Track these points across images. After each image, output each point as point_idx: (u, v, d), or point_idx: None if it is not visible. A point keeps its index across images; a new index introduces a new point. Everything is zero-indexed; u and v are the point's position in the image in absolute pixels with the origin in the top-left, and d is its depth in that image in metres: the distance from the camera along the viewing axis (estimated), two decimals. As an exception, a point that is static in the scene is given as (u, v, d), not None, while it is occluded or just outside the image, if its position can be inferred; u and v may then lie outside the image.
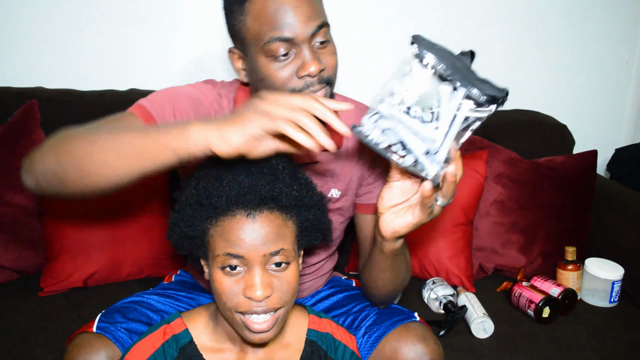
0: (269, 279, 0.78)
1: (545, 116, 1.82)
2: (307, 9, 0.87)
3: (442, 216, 1.50)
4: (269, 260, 0.78)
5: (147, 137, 0.74)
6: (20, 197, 1.44)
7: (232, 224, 0.77)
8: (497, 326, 1.29)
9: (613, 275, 1.42)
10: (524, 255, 1.54)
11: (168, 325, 0.86)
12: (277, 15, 0.86)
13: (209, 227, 0.79)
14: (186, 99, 0.96)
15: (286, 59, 0.89)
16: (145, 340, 0.85)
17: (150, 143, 0.74)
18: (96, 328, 0.94)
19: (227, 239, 0.77)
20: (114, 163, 0.76)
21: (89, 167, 0.77)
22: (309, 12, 0.87)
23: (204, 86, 1.02)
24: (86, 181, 0.78)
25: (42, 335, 1.20)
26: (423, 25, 1.82)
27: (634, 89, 2.00)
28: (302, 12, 0.86)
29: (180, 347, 0.85)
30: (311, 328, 0.92)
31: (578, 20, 1.90)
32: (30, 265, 1.44)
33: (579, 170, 1.61)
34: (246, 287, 0.77)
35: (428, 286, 1.43)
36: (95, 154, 0.76)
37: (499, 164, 1.60)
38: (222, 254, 0.77)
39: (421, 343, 0.94)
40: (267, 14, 0.86)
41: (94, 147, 0.76)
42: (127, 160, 0.75)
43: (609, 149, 1.91)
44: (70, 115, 1.56)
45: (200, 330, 0.87)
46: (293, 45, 0.88)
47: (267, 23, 0.86)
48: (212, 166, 0.81)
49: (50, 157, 0.80)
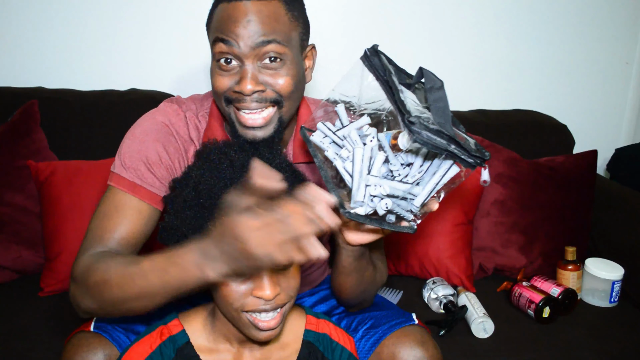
0: (276, 279, 0.78)
1: (545, 116, 1.82)
2: (258, 24, 0.88)
3: (442, 216, 1.50)
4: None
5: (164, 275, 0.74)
6: (20, 197, 1.44)
7: None
8: (497, 326, 1.29)
9: (613, 275, 1.42)
10: (524, 255, 1.54)
11: (165, 326, 0.86)
12: (228, 20, 0.89)
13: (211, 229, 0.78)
14: (155, 145, 0.96)
15: (230, 69, 0.91)
16: (142, 341, 0.85)
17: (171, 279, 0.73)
18: (93, 327, 0.94)
19: None
20: (148, 303, 0.78)
21: (127, 309, 0.81)
22: (259, 27, 0.88)
23: (169, 109, 1.02)
24: (131, 312, 0.82)
25: (42, 335, 1.20)
26: (422, 25, 1.82)
27: (634, 89, 2.00)
28: (252, 25, 0.88)
29: (177, 348, 0.84)
30: (308, 329, 0.91)
31: (578, 20, 1.90)
32: (30, 265, 1.44)
33: (579, 170, 1.61)
34: (255, 287, 0.77)
35: (428, 286, 1.43)
36: (126, 303, 0.79)
37: (499, 164, 1.60)
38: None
39: (420, 347, 0.93)
40: (220, 17, 0.90)
41: (122, 297, 0.79)
42: (157, 299, 0.77)
43: (609, 149, 1.91)
44: (70, 115, 1.57)
45: (197, 331, 0.87)
46: (237, 57, 0.90)
47: (217, 25, 0.91)
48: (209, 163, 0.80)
49: (89, 301, 0.85)
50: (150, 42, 1.74)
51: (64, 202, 1.40)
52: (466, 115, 1.76)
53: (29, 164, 1.45)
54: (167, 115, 1.01)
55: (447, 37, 1.85)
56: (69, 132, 1.55)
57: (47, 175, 1.42)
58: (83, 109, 1.57)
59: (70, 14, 1.68)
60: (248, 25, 0.88)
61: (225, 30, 0.89)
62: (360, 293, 0.99)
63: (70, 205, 1.40)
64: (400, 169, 0.75)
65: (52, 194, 1.41)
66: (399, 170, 0.75)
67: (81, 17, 1.69)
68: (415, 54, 1.83)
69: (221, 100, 0.94)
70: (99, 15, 1.69)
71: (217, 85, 0.93)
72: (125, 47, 1.73)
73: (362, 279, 0.96)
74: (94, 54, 1.72)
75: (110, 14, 1.70)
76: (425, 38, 1.83)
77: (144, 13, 1.71)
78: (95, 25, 1.70)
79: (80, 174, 1.43)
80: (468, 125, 1.69)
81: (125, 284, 0.78)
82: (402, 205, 0.76)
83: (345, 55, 1.47)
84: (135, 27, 1.72)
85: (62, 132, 1.55)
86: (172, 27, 1.73)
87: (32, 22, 1.68)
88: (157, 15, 1.72)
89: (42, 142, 1.51)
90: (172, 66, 1.76)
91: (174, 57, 1.76)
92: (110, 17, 1.70)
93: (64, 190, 1.41)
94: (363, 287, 0.98)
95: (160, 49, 1.74)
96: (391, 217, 0.77)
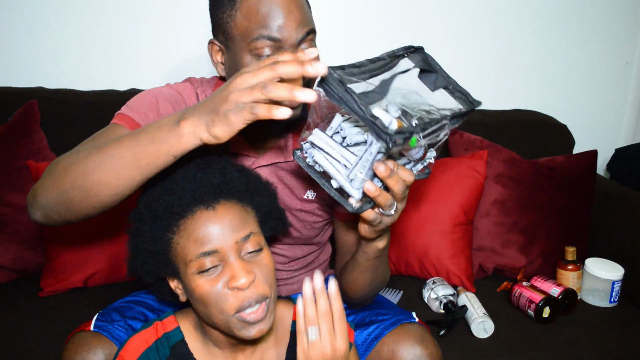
0: (248, 266, 0.77)
1: (545, 116, 1.82)
2: (298, 15, 0.88)
3: (442, 216, 1.50)
4: (242, 247, 0.78)
5: (138, 145, 0.74)
6: (20, 197, 1.44)
7: (195, 221, 0.76)
8: (497, 326, 1.29)
9: (613, 275, 1.42)
10: (524, 255, 1.54)
11: (160, 323, 0.86)
12: (269, 15, 0.87)
13: (172, 237, 0.78)
14: (166, 102, 0.97)
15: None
16: (139, 335, 0.84)
17: (143, 151, 0.74)
18: (94, 327, 0.94)
19: (195, 239, 0.76)
20: (113, 179, 0.76)
21: (90, 188, 0.77)
22: (300, 18, 0.88)
23: (182, 86, 1.03)
24: (91, 201, 0.78)
25: (42, 335, 1.20)
26: (421, 24, 1.82)
27: (634, 89, 2.00)
28: (294, 17, 0.87)
29: (171, 345, 0.84)
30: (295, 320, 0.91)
31: (578, 20, 1.90)
32: (30, 265, 1.44)
33: (579, 170, 1.61)
34: (229, 279, 0.76)
35: (428, 286, 1.43)
36: (92, 175, 0.76)
37: (499, 164, 1.60)
38: (195, 257, 0.76)
39: (419, 345, 0.93)
40: (259, 12, 0.87)
41: (90, 169, 0.76)
42: (125, 173, 0.75)
43: (609, 149, 1.91)
44: (70, 115, 1.57)
45: (192, 330, 0.87)
46: (279, 48, 0.89)
47: (257, 21, 0.87)
48: (153, 180, 0.80)
49: (51, 188, 0.80)
50: (150, 42, 1.74)
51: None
52: (466, 115, 1.76)
53: (29, 164, 1.45)
54: (177, 87, 1.02)
55: (447, 36, 1.85)
56: (69, 132, 1.55)
57: (47, 175, 1.42)
58: (83, 109, 1.57)
59: (70, 14, 1.68)
60: (290, 17, 0.88)
61: (268, 25, 0.87)
62: (370, 291, 1.00)
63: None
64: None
65: (52, 194, 1.41)
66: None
67: (81, 17, 1.69)
68: (415, 54, 1.83)
69: None
70: (99, 15, 1.69)
71: None
72: (125, 47, 1.73)
73: (376, 277, 0.97)
74: (93, 54, 1.72)
75: (110, 14, 1.70)
76: (425, 38, 1.83)
77: (144, 13, 1.71)
78: (95, 25, 1.70)
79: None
80: (468, 125, 1.70)
81: (92, 161, 0.76)
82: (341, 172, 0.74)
83: (345, 55, 1.47)
84: (135, 27, 1.72)
85: (62, 132, 1.55)
86: (173, 27, 1.73)
87: (32, 22, 1.68)
88: (157, 15, 1.72)
89: (42, 142, 1.51)
90: (172, 66, 1.76)
91: (174, 57, 1.76)
92: (110, 17, 1.70)
93: (64, 190, 1.41)
94: (375, 285, 0.99)
95: (161, 49, 1.74)
96: (334, 184, 0.76)
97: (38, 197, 0.82)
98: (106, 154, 0.76)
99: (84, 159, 0.77)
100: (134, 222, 0.82)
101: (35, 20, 1.68)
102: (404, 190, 0.75)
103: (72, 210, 0.80)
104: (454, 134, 1.67)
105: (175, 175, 0.79)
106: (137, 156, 0.74)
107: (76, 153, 0.80)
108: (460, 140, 1.66)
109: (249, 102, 0.66)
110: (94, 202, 0.78)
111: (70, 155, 0.81)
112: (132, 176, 0.75)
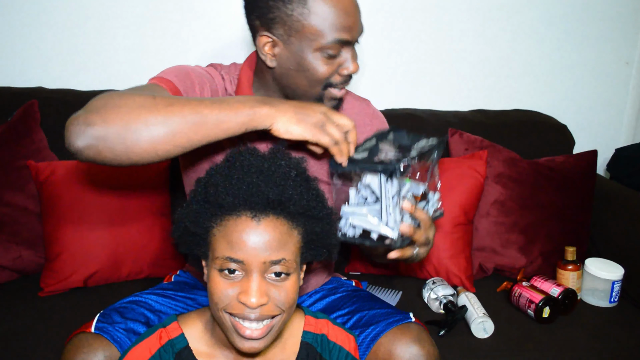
0: (266, 287, 0.76)
1: (545, 116, 1.82)
2: (359, 17, 0.95)
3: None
4: (269, 268, 0.76)
5: (222, 110, 0.82)
6: (20, 197, 1.44)
7: (236, 224, 0.76)
8: (497, 326, 1.29)
9: (613, 275, 1.42)
10: (524, 255, 1.54)
11: (164, 329, 0.85)
12: (343, 19, 0.91)
13: (212, 226, 0.78)
14: (200, 77, 1.01)
15: (336, 57, 0.95)
16: (142, 344, 0.84)
17: (227, 116, 0.82)
18: (94, 328, 0.93)
19: (229, 241, 0.76)
20: (193, 134, 0.81)
21: (165, 135, 0.79)
22: (359, 16, 0.95)
23: (208, 68, 1.08)
24: (155, 148, 0.80)
25: (41, 335, 1.20)
26: (422, 24, 1.82)
27: (634, 89, 2.00)
28: (358, 16, 0.95)
29: (176, 352, 0.84)
30: (307, 330, 0.91)
31: (578, 20, 1.90)
32: (30, 265, 1.44)
33: (579, 170, 1.61)
34: (241, 291, 0.75)
35: (428, 286, 1.43)
36: (172, 124, 0.80)
37: (499, 164, 1.60)
38: (222, 257, 0.76)
39: (416, 344, 0.93)
40: (335, 16, 0.91)
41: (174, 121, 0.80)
42: (202, 131, 0.81)
43: (609, 149, 1.91)
44: (70, 116, 1.56)
45: (196, 335, 0.86)
46: (345, 45, 0.94)
47: (333, 25, 0.91)
48: (225, 165, 0.81)
49: (117, 120, 0.79)
50: (150, 42, 1.74)
51: (64, 202, 1.40)
52: (466, 115, 1.76)
53: (29, 164, 1.45)
54: (205, 69, 1.06)
55: (447, 36, 1.85)
56: (69, 132, 1.55)
57: (47, 175, 1.42)
58: (83, 109, 1.57)
59: (70, 14, 1.68)
60: (357, 17, 0.95)
61: (344, 28, 0.92)
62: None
63: (70, 205, 1.40)
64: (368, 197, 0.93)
65: (52, 194, 1.41)
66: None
67: (81, 17, 1.69)
68: (416, 54, 1.83)
69: (319, 86, 0.96)
70: (99, 15, 1.69)
71: (324, 72, 0.95)
72: (125, 47, 1.73)
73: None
74: (94, 54, 1.72)
75: (110, 14, 1.70)
76: (425, 38, 1.83)
77: (144, 13, 1.71)
78: (95, 25, 1.70)
79: (80, 174, 1.43)
80: (468, 125, 1.70)
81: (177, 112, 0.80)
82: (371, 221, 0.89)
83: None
84: (135, 27, 1.72)
85: (62, 132, 1.53)
86: (173, 27, 1.73)
87: (32, 22, 1.68)
88: (158, 15, 1.72)
89: (42, 142, 1.51)
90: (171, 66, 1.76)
91: (174, 57, 1.76)
92: (110, 17, 1.70)
93: (64, 190, 1.41)
94: None
95: (161, 49, 1.74)
96: (373, 236, 0.90)
97: (97, 125, 0.80)
98: (193, 110, 0.81)
99: (164, 107, 0.80)
100: (191, 193, 0.83)
101: (35, 20, 1.68)
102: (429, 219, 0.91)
103: (127, 151, 0.79)
104: (454, 134, 1.67)
105: (242, 170, 0.79)
106: (219, 118, 0.82)
107: (152, 97, 0.82)
108: (460, 140, 1.66)
109: (334, 135, 0.88)
110: (140, 146, 0.79)
111: (145, 97, 0.81)
112: (209, 136, 0.82)
